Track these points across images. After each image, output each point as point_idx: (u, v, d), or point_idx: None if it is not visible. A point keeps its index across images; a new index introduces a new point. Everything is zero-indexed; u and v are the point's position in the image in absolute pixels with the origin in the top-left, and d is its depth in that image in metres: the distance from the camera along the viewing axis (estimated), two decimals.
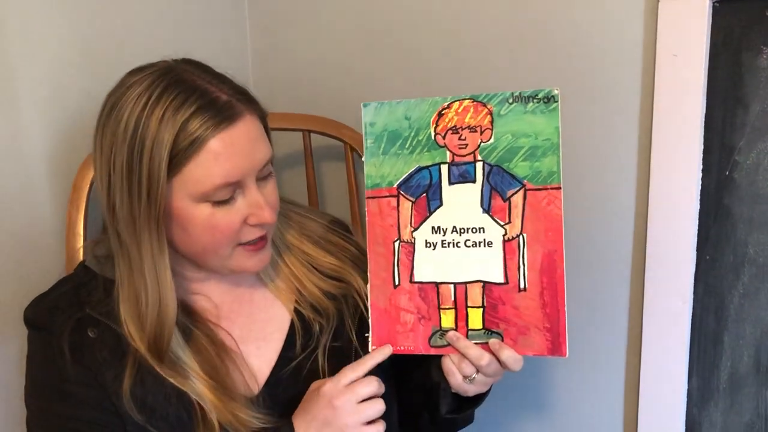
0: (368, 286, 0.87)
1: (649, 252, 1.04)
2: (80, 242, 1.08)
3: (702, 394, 1.04)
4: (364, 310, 0.93)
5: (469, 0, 1.15)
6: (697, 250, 1.01)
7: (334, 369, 0.87)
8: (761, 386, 1.01)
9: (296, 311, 0.94)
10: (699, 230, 1.01)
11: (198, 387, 0.84)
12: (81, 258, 1.06)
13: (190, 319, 0.89)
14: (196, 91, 0.80)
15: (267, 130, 0.88)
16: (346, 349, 0.92)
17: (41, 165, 1.11)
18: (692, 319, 1.03)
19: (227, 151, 0.80)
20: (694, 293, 1.02)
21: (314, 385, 0.86)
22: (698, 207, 1.00)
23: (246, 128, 0.83)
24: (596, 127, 1.07)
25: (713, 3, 0.95)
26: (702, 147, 0.99)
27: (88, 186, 1.09)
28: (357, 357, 0.89)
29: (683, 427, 1.06)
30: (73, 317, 0.86)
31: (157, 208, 0.80)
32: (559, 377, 1.16)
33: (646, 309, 1.05)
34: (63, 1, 1.12)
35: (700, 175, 1.00)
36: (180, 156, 0.79)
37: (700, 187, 1.00)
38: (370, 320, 0.87)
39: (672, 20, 0.98)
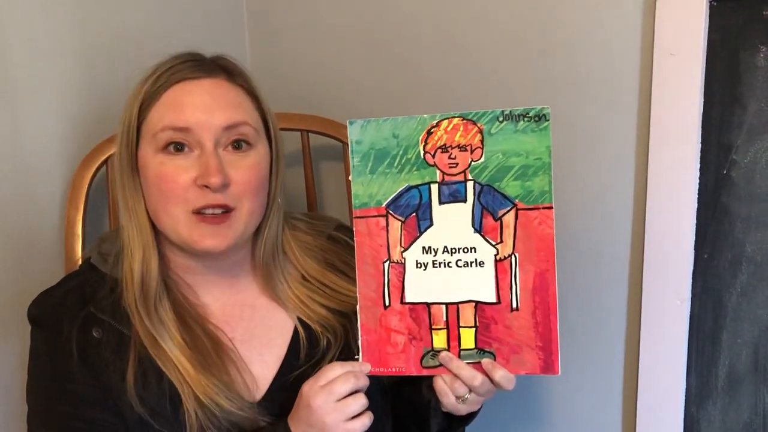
0: (357, 306, 0.86)
1: (647, 250, 1.04)
2: (79, 242, 1.08)
3: (700, 393, 1.04)
4: None
5: (466, 0, 1.16)
6: (695, 249, 1.01)
7: None
8: (759, 384, 1.01)
9: (301, 321, 0.93)
10: (697, 229, 1.01)
11: (178, 357, 0.85)
12: (80, 257, 1.07)
13: (188, 312, 0.89)
14: (186, 55, 0.88)
15: (266, 121, 0.91)
16: None
17: (40, 164, 1.11)
18: (690, 318, 1.03)
19: (182, 99, 0.85)
20: (692, 292, 1.02)
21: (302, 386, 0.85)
22: (696, 205, 1.00)
23: (214, 85, 0.87)
24: (594, 125, 1.07)
25: (710, 2, 0.95)
26: (699, 146, 0.99)
27: (87, 185, 1.09)
28: None
29: (681, 425, 1.06)
30: (78, 316, 0.86)
31: (131, 154, 0.87)
32: (557, 376, 1.16)
33: (644, 307, 1.05)
34: (62, 0, 1.12)
35: (698, 173, 1.00)
36: (147, 102, 0.86)
37: (697, 186, 1.00)
38: (359, 342, 0.86)
39: (669, 19, 0.98)
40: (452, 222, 0.83)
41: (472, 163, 0.82)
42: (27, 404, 0.89)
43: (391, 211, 0.85)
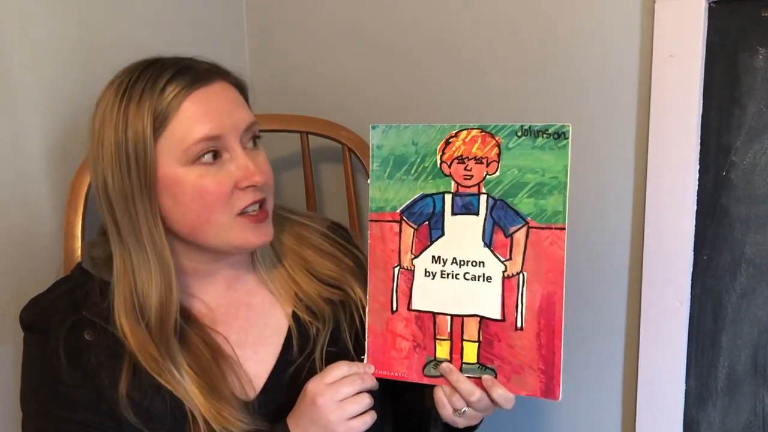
0: (367, 308, 0.86)
1: (646, 252, 1.04)
2: (78, 244, 1.08)
3: (700, 395, 1.04)
4: (359, 322, 0.93)
5: (465, 1, 1.16)
6: (694, 251, 1.01)
7: None
8: (759, 386, 1.01)
9: (293, 315, 0.94)
10: (696, 230, 1.01)
11: (188, 387, 0.85)
12: (78, 260, 1.06)
13: (185, 320, 0.89)
14: (171, 64, 0.85)
15: (247, 103, 0.91)
16: (344, 355, 0.92)
17: (39, 167, 1.11)
18: (690, 320, 1.03)
19: (205, 108, 0.83)
20: (692, 293, 1.03)
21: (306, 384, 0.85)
22: (695, 207, 1.00)
23: (222, 90, 0.86)
24: (593, 127, 1.07)
25: (709, 4, 0.95)
26: (699, 147, 0.99)
27: (86, 188, 1.09)
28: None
29: (681, 427, 1.06)
30: (69, 319, 0.86)
31: (147, 176, 0.82)
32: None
33: (643, 309, 1.05)
34: (62, 2, 1.12)
35: (697, 175, 1.00)
36: (161, 119, 0.82)
37: (697, 188, 1.00)
38: (366, 342, 0.87)
39: (668, 21, 0.98)
40: (463, 234, 0.82)
41: (487, 176, 0.81)
42: (21, 409, 0.89)
43: (405, 218, 0.84)
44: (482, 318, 0.82)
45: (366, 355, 0.87)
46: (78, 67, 1.14)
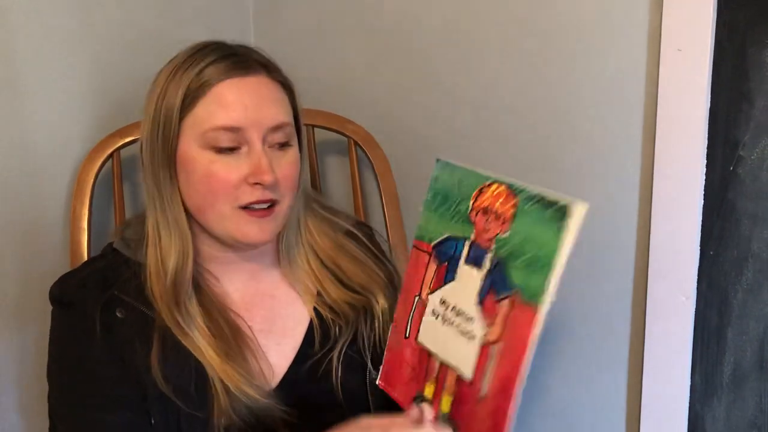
0: (391, 324, 0.87)
1: (652, 247, 1.04)
2: (85, 236, 1.08)
3: (705, 390, 1.05)
4: (377, 332, 0.95)
5: None
6: (700, 246, 1.01)
7: (345, 376, 0.91)
8: (764, 382, 1.01)
9: (315, 311, 0.95)
10: (703, 226, 1.01)
11: (204, 347, 0.86)
12: (86, 251, 1.07)
13: (209, 300, 0.90)
14: (222, 48, 0.88)
15: (296, 114, 0.92)
16: (358, 359, 0.93)
17: (46, 159, 1.11)
18: (695, 315, 1.03)
19: (232, 97, 0.85)
20: (698, 289, 1.02)
21: (362, 420, 0.81)
22: (702, 202, 1.00)
23: (259, 83, 0.87)
24: (600, 121, 1.07)
25: None
26: (706, 142, 0.99)
27: (92, 180, 1.09)
28: (367, 372, 0.93)
29: (686, 422, 1.06)
30: (101, 298, 0.88)
31: (169, 147, 0.86)
32: (562, 372, 1.16)
33: (649, 304, 1.05)
34: None
35: (704, 170, 0.99)
36: (191, 97, 0.85)
37: (704, 183, 0.99)
38: (384, 356, 0.87)
39: (677, 15, 0.97)
40: (467, 285, 0.81)
41: (498, 235, 0.78)
42: (48, 383, 0.90)
43: (434, 253, 0.84)
44: (459, 374, 0.79)
45: (381, 369, 0.87)
46: (84, 56, 1.14)
